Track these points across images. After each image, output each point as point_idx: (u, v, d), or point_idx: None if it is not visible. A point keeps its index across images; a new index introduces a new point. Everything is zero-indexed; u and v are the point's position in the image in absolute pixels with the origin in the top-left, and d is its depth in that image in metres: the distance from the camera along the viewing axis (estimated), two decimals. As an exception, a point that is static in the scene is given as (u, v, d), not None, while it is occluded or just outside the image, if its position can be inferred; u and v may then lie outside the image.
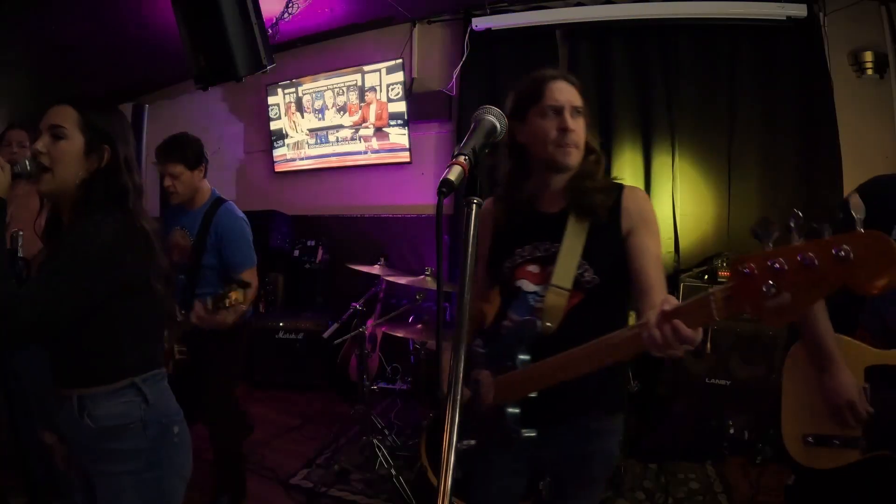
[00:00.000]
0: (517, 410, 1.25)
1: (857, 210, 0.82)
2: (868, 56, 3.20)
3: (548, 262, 1.30)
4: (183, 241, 2.31)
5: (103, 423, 1.23)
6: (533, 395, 1.23)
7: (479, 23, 3.87)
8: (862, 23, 3.25)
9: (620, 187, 1.32)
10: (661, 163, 3.61)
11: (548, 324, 1.25)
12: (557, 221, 1.30)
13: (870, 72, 3.22)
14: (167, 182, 2.27)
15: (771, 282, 0.79)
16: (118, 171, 1.28)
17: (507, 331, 1.33)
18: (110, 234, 1.19)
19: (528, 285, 1.33)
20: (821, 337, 1.35)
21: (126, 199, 1.27)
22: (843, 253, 0.73)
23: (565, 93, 1.29)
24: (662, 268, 1.28)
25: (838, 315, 1.37)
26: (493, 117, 0.92)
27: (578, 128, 1.28)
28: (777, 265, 0.79)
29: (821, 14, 3.27)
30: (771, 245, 0.82)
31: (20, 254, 1.73)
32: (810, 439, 1.38)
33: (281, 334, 4.14)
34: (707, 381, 2.97)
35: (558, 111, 1.27)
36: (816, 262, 0.75)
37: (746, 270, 0.82)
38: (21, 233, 1.63)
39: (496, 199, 1.44)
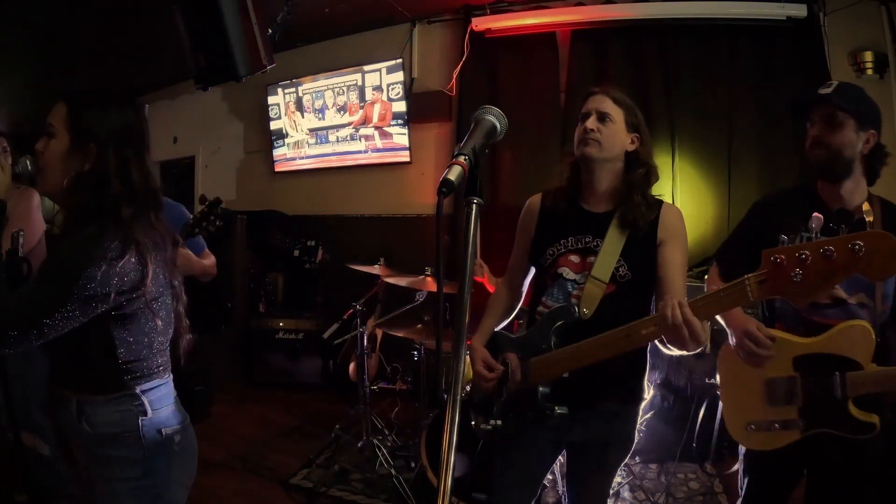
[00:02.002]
0: (549, 389, 1.38)
1: (869, 215, 1.17)
2: (868, 56, 3.21)
3: (588, 253, 1.45)
4: None
5: (100, 430, 1.21)
6: (565, 375, 1.36)
7: (479, 23, 3.87)
8: (862, 23, 3.25)
9: (661, 203, 1.51)
10: (661, 163, 3.56)
11: (584, 310, 1.39)
12: (602, 220, 1.46)
13: (870, 72, 3.22)
14: None
15: (798, 269, 1.00)
16: (105, 174, 1.16)
17: (544, 315, 1.45)
18: (99, 254, 1.11)
19: (568, 273, 1.47)
20: (730, 315, 1.48)
21: (118, 206, 1.16)
22: (857, 247, 0.95)
23: (595, 101, 1.49)
24: (685, 276, 1.46)
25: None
26: (493, 117, 0.92)
27: (601, 128, 1.44)
28: (804, 256, 0.99)
29: (821, 14, 3.27)
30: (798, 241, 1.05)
31: (21, 253, 1.73)
32: (752, 426, 1.50)
33: (281, 334, 4.15)
34: (707, 381, 2.96)
35: (586, 117, 1.47)
36: (835, 253, 0.96)
37: (778, 260, 1.02)
38: (22, 232, 1.63)
39: (545, 194, 1.60)
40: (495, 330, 1.62)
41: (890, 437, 1.43)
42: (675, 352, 1.21)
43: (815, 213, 1.31)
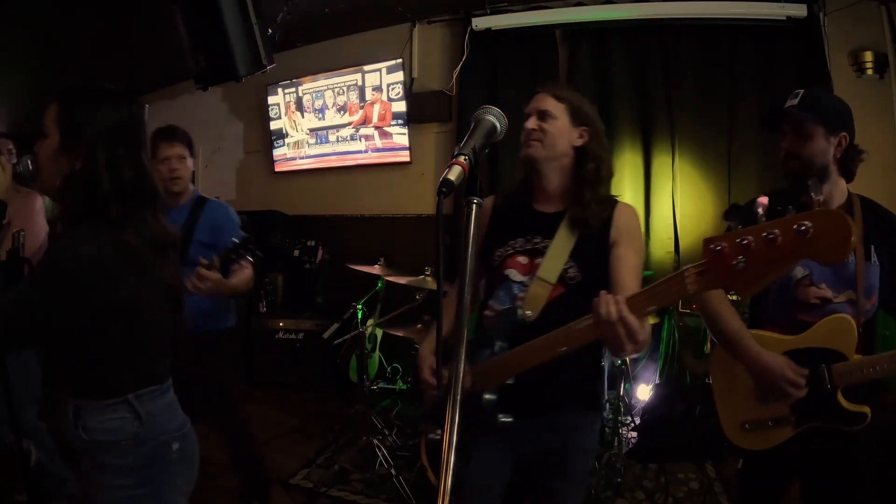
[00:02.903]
0: (494, 396, 1.30)
1: (817, 191, 1.04)
2: (868, 56, 3.21)
3: (536, 254, 1.39)
4: None
5: (96, 437, 1.18)
6: (510, 381, 1.29)
7: (479, 23, 3.87)
8: (862, 23, 3.25)
9: (615, 202, 1.43)
10: (661, 163, 3.61)
11: (528, 312, 1.32)
12: (552, 220, 1.40)
13: (870, 72, 3.22)
14: (174, 164, 2.18)
15: (741, 256, 0.90)
16: (96, 174, 1.12)
17: (489, 319, 1.40)
18: (88, 255, 1.08)
19: (515, 275, 1.41)
20: (736, 335, 1.47)
21: (108, 208, 1.12)
22: (803, 228, 0.84)
23: (535, 101, 1.44)
24: (640, 279, 1.38)
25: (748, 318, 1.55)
26: (493, 117, 0.92)
27: (543, 127, 1.40)
28: (746, 241, 0.89)
29: (821, 14, 3.27)
30: (740, 227, 0.93)
31: (22, 253, 1.73)
32: (747, 426, 1.50)
33: (281, 334, 4.14)
34: (707, 381, 2.96)
35: (527, 117, 1.44)
36: (781, 237, 0.86)
37: (718, 248, 0.93)
38: (23, 233, 1.63)
39: (497, 195, 1.56)
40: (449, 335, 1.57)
41: (882, 434, 1.49)
42: (616, 358, 1.14)
43: (760, 198, 1.29)
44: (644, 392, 3.46)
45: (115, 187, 1.14)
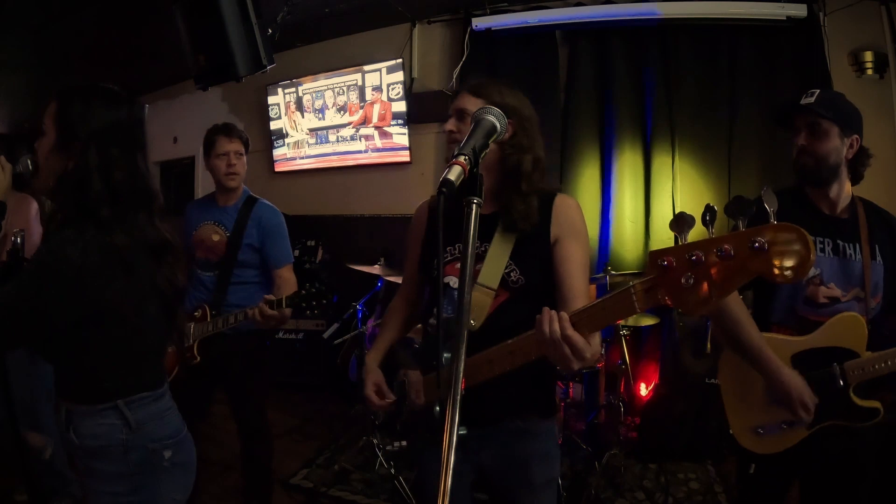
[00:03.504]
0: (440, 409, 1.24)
1: (770, 203, 0.90)
2: (868, 56, 3.21)
3: (476, 260, 1.30)
4: (216, 237, 2.21)
5: (85, 442, 1.17)
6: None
7: (479, 23, 3.87)
8: (862, 23, 3.25)
9: (553, 195, 1.34)
10: (661, 163, 3.61)
11: (472, 321, 1.25)
12: (487, 222, 1.31)
13: (870, 72, 3.22)
14: (232, 160, 2.20)
15: (690, 273, 0.84)
16: (87, 174, 1.10)
17: (433, 329, 1.34)
18: (73, 256, 1.05)
19: (455, 281, 1.34)
20: (757, 346, 1.43)
21: (98, 209, 1.10)
22: (758, 244, 0.77)
23: (455, 102, 1.39)
24: (587, 276, 1.31)
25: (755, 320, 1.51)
26: (493, 117, 0.92)
27: (461, 127, 1.34)
28: (695, 257, 0.83)
29: (821, 14, 3.27)
30: (687, 238, 0.87)
31: (22, 254, 1.72)
32: (760, 430, 1.49)
33: (281, 334, 4.14)
34: (707, 381, 2.96)
35: (448, 118, 1.38)
36: (733, 252, 0.79)
37: (665, 263, 0.86)
38: (23, 232, 1.63)
39: (431, 199, 1.49)
40: (394, 343, 1.53)
41: (884, 433, 1.48)
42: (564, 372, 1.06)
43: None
44: (644, 392, 3.46)
45: (107, 188, 1.12)
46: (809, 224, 1.38)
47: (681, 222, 0.89)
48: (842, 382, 1.41)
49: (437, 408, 1.24)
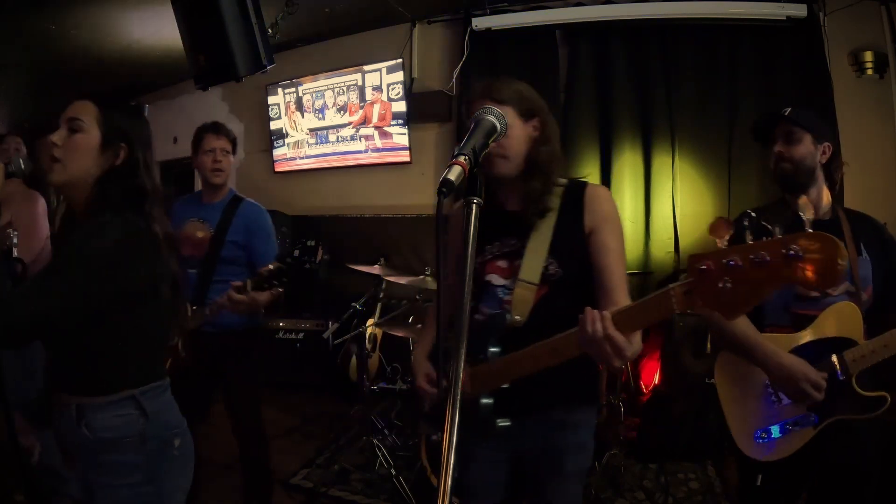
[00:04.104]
0: (491, 401, 1.28)
1: (805, 211, 0.97)
2: (868, 56, 3.21)
3: (515, 256, 1.35)
4: (200, 234, 2.23)
5: (101, 435, 1.19)
6: (505, 385, 1.26)
7: (479, 23, 3.87)
8: (862, 23, 3.25)
9: (583, 185, 1.36)
10: (661, 163, 3.61)
11: (517, 317, 1.29)
12: (523, 219, 1.34)
13: (870, 72, 3.22)
14: (218, 156, 2.23)
15: (727, 278, 0.87)
16: (135, 170, 1.26)
17: (479, 324, 1.37)
18: (116, 236, 1.16)
19: (496, 279, 1.37)
20: (752, 340, 1.47)
21: (143, 201, 1.25)
22: (793, 252, 0.80)
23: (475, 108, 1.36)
24: (625, 265, 1.33)
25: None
26: (493, 117, 0.92)
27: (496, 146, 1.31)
28: (733, 262, 0.86)
29: (821, 14, 3.27)
30: (725, 242, 0.93)
31: (15, 254, 1.72)
32: (763, 436, 1.48)
33: (281, 334, 4.14)
34: (707, 380, 2.96)
35: None
36: (769, 259, 0.82)
37: (704, 267, 0.90)
38: (15, 231, 1.63)
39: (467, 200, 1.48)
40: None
41: (889, 436, 1.49)
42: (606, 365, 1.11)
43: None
44: (644, 392, 3.46)
45: (151, 184, 1.28)
46: (794, 229, 1.41)
47: (718, 227, 0.94)
48: (843, 375, 1.40)
49: (484, 400, 1.28)
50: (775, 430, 1.47)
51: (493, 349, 1.30)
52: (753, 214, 1.07)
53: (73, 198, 1.27)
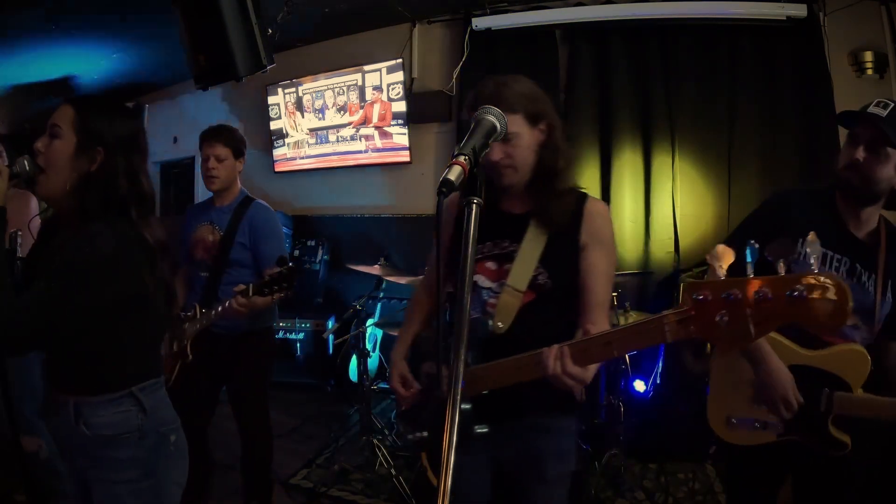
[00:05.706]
0: (468, 406, 1.25)
1: (813, 250, 0.89)
2: (868, 56, 3.21)
3: (505, 259, 1.32)
4: (211, 237, 2.26)
5: (99, 432, 1.20)
6: (484, 392, 1.25)
7: (479, 23, 3.87)
8: (862, 23, 3.25)
9: (584, 198, 1.34)
10: (661, 163, 3.61)
11: (499, 324, 1.28)
12: (519, 222, 1.33)
13: (870, 72, 3.22)
14: (210, 164, 2.24)
15: (724, 311, 0.83)
16: (113, 176, 1.20)
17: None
18: (108, 245, 1.14)
19: (483, 281, 1.34)
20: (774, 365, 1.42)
21: (126, 207, 1.21)
22: (796, 292, 0.76)
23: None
24: (610, 287, 1.35)
25: None
26: (493, 117, 0.92)
27: (508, 153, 1.28)
28: (732, 296, 0.82)
29: (821, 14, 3.27)
30: (724, 270, 0.88)
31: (19, 254, 1.73)
32: (734, 420, 1.50)
33: (281, 334, 4.14)
34: (707, 380, 2.96)
35: None
36: (771, 296, 0.79)
37: (701, 297, 0.86)
38: (20, 232, 1.63)
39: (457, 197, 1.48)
40: (421, 335, 1.54)
41: (874, 438, 1.46)
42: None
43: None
44: (644, 392, 3.45)
45: (134, 190, 1.23)
46: (831, 236, 1.36)
47: (720, 254, 0.91)
48: (824, 408, 1.37)
49: (462, 406, 1.24)
50: (744, 421, 1.49)
51: (472, 353, 1.26)
52: (756, 245, 0.98)
53: (58, 207, 1.26)
